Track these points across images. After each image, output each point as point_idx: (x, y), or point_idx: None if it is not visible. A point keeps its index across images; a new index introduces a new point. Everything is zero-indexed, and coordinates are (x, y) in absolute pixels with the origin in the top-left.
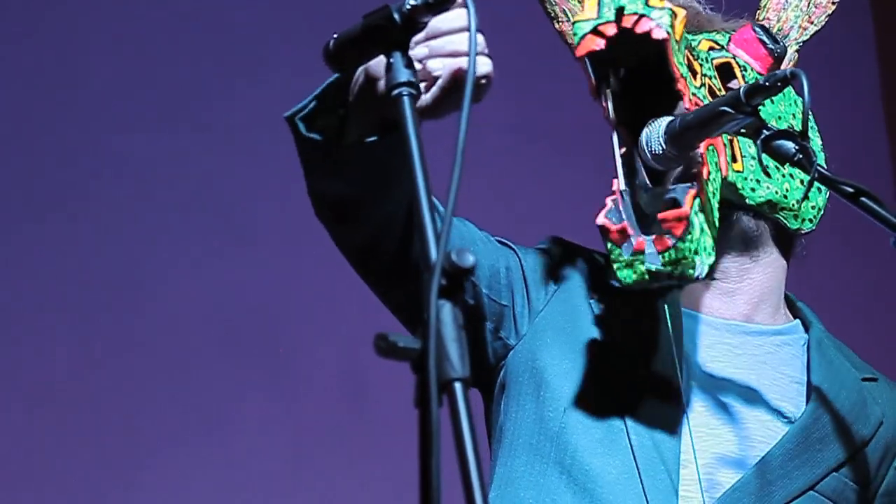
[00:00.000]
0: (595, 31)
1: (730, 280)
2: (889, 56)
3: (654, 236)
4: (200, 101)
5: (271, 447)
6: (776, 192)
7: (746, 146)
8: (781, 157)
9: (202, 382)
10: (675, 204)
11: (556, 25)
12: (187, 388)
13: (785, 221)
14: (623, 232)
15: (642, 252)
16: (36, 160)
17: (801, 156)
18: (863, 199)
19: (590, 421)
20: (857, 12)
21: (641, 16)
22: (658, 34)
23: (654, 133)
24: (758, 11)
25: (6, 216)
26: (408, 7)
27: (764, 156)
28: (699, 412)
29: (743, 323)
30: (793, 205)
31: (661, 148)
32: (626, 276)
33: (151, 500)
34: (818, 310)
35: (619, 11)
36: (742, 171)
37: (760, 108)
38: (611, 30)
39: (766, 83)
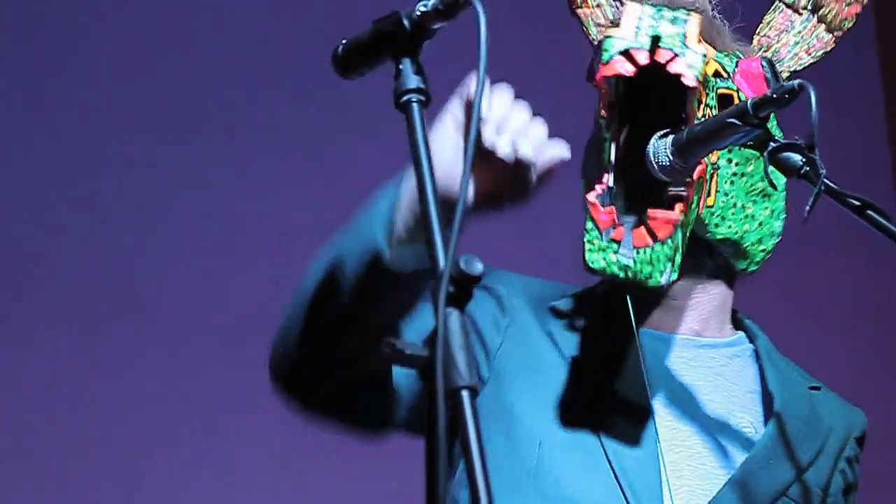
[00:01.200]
0: (626, 54)
1: (678, 298)
2: (891, 63)
3: (633, 230)
4: (204, 103)
5: (271, 449)
6: (735, 232)
7: (723, 182)
8: (788, 170)
9: (202, 385)
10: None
11: (579, 9)
12: (187, 390)
13: (734, 260)
14: (609, 216)
15: (618, 242)
16: (39, 160)
17: (807, 168)
18: (869, 212)
19: (567, 448)
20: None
21: (676, 55)
22: (688, 81)
23: (662, 145)
24: (760, 26)
25: (10, 216)
26: (418, 13)
27: (734, 184)
28: (668, 426)
29: (693, 337)
30: (747, 246)
31: (668, 160)
32: (592, 260)
33: (151, 501)
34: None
35: (655, 41)
36: (712, 207)
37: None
38: (643, 59)
39: (774, 95)
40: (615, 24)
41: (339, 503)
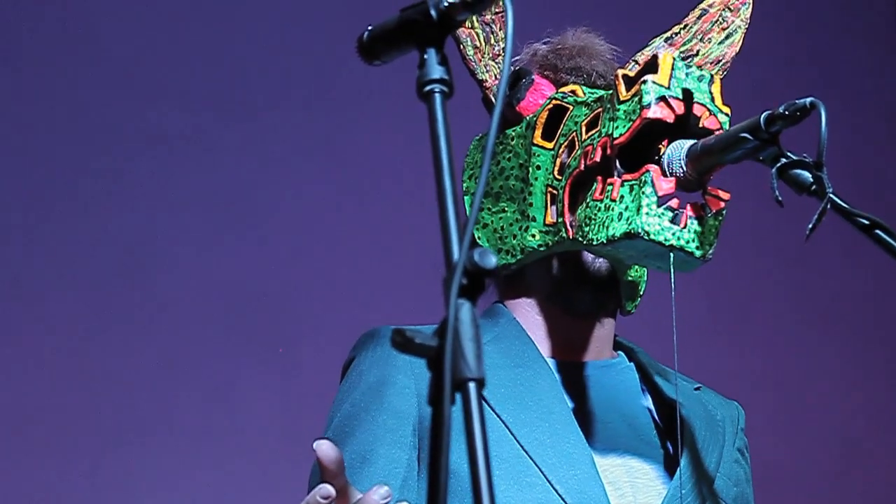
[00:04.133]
0: (664, 100)
1: (584, 332)
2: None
3: (689, 204)
4: (211, 84)
5: (269, 435)
6: (639, 275)
7: None
8: (798, 187)
9: (202, 370)
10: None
11: (470, 58)
12: (187, 374)
13: (626, 301)
14: (669, 185)
15: (667, 198)
16: (41, 138)
17: (816, 186)
18: (877, 231)
19: (503, 472)
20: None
21: (711, 112)
22: None
23: (676, 155)
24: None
25: (13, 193)
26: (445, 4)
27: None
28: (595, 447)
29: (595, 360)
30: (641, 290)
31: (682, 170)
32: (648, 223)
33: (147, 482)
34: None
35: (687, 94)
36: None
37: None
38: (679, 108)
39: (786, 112)
40: (651, 68)
41: None
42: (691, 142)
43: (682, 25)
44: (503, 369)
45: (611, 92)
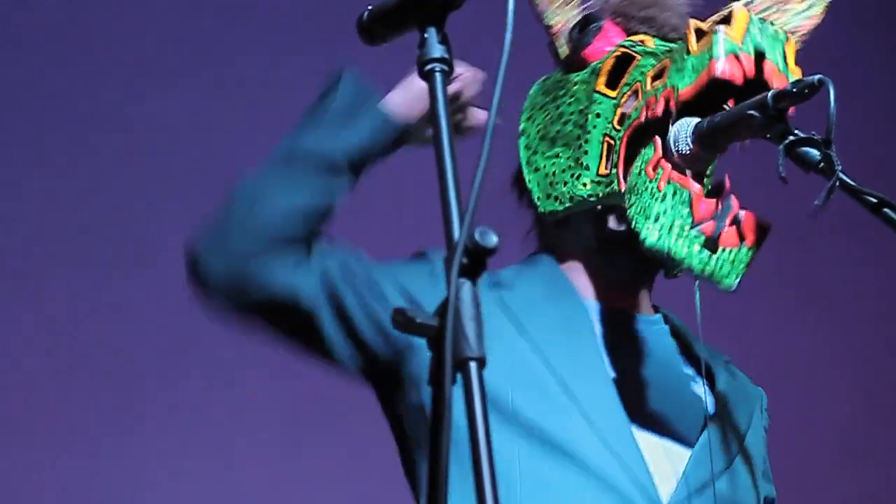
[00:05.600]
0: (735, 56)
1: (636, 280)
2: None
3: (726, 227)
4: (212, 72)
5: (268, 422)
6: None
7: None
8: (805, 164)
9: (200, 356)
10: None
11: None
12: (186, 360)
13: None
14: (707, 209)
15: (706, 234)
16: (39, 116)
17: (824, 163)
18: (885, 210)
19: (535, 398)
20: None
21: (781, 73)
22: None
23: (682, 133)
24: None
25: (12, 172)
26: None
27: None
28: (629, 396)
29: (639, 314)
30: None
31: (688, 148)
32: (676, 246)
33: (147, 467)
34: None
35: (759, 54)
36: None
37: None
38: (749, 66)
39: (794, 89)
40: (725, 21)
41: (336, 477)
42: (697, 119)
43: None
44: (538, 300)
45: (681, 44)
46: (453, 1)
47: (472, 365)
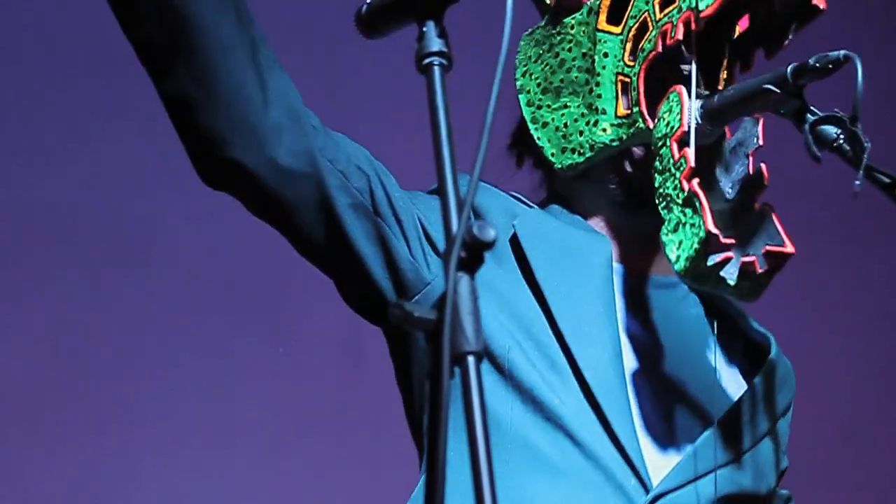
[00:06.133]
0: None
1: (654, 238)
2: None
3: (748, 258)
4: None
5: (269, 414)
6: None
7: None
8: (821, 142)
9: (201, 348)
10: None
11: None
12: (186, 352)
13: None
14: (726, 246)
15: (726, 263)
16: (40, 108)
17: (841, 141)
18: None
19: (534, 359)
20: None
21: None
22: (818, 1)
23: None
24: None
25: (7, 177)
26: None
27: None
28: (638, 362)
29: (659, 276)
30: None
31: (696, 122)
32: (697, 271)
33: (144, 464)
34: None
35: None
36: None
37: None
38: None
39: (818, 64)
40: None
41: (335, 470)
42: (705, 94)
43: None
44: (552, 232)
45: None
46: None
47: (471, 359)
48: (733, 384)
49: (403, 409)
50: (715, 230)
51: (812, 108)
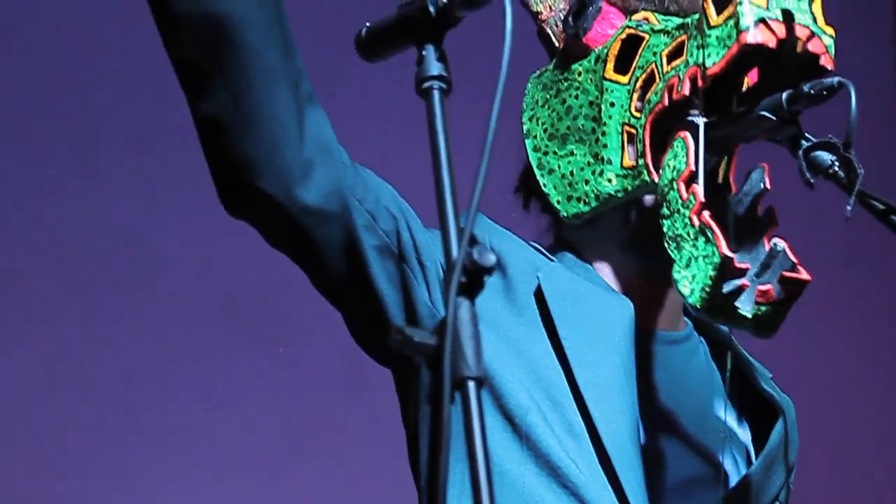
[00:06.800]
0: (764, 23)
1: (663, 293)
2: None
3: (763, 286)
4: None
5: (268, 432)
6: None
7: None
8: (815, 168)
9: (200, 366)
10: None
11: (540, 16)
12: (185, 371)
13: None
14: (741, 272)
15: (741, 292)
16: (36, 132)
17: (836, 168)
18: (893, 217)
19: (552, 420)
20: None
21: (814, 34)
22: (826, 62)
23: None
24: None
25: (8, 188)
26: (444, 1)
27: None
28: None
29: (666, 332)
30: None
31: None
32: (711, 305)
33: (143, 478)
34: None
35: (787, 15)
36: None
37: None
38: (781, 31)
39: (812, 91)
40: None
41: (336, 488)
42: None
43: None
44: (575, 285)
45: (697, 17)
46: (450, 19)
47: (471, 384)
48: (743, 446)
49: (407, 449)
50: (730, 254)
51: (806, 134)
